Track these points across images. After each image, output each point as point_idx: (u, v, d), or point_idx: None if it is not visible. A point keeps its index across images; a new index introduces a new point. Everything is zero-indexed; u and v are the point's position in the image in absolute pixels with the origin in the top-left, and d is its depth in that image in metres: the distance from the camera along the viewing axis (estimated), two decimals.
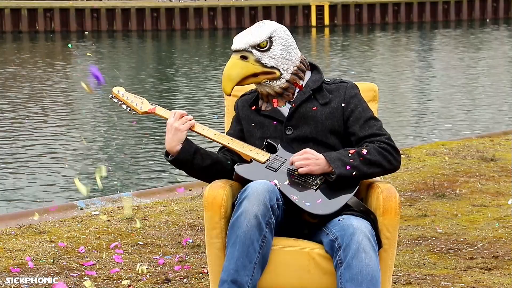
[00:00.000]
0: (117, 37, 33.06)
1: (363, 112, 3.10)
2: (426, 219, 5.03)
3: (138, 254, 4.38)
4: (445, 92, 16.70)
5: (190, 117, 3.10)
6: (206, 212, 2.96)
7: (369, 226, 2.86)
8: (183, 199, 5.71)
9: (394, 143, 3.05)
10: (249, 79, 3.10)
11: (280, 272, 2.89)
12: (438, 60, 23.78)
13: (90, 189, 8.37)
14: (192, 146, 3.08)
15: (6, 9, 34.10)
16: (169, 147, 3.07)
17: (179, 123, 3.06)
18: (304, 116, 3.09)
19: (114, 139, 12.04)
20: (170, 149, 3.07)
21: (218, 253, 2.96)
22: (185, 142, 3.07)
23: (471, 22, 37.98)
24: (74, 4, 35.12)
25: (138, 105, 3.21)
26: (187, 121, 3.08)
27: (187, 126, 3.07)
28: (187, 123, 3.08)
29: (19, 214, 5.50)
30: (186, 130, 3.06)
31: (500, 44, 28.60)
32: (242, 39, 3.09)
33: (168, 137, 3.06)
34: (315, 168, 2.95)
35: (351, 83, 3.19)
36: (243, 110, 3.23)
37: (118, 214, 5.25)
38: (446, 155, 7.03)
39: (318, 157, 2.96)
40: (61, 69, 21.87)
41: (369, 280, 2.72)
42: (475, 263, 4.18)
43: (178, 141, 3.06)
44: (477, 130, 12.04)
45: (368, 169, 2.97)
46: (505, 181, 6.02)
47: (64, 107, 15.28)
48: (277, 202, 2.85)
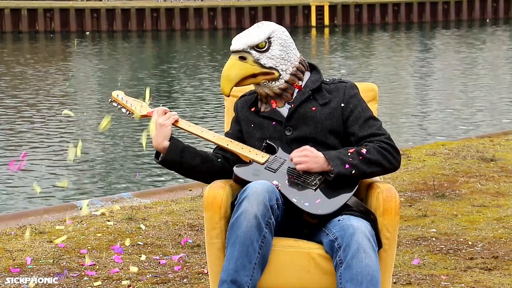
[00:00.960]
0: (117, 37, 33.06)
1: (362, 112, 3.10)
2: (426, 219, 5.03)
3: (138, 254, 4.38)
4: (445, 92, 16.70)
5: (173, 112, 3.13)
6: (206, 212, 2.96)
7: (369, 226, 2.86)
8: (183, 199, 5.71)
9: (394, 143, 3.05)
10: (248, 80, 3.10)
11: (280, 272, 2.89)
12: (438, 60, 23.77)
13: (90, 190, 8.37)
14: (179, 144, 3.09)
15: (6, 9, 34.09)
16: (155, 144, 3.09)
17: (162, 119, 3.09)
18: (304, 117, 3.09)
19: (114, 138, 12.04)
20: (157, 145, 3.09)
21: (218, 253, 2.96)
22: (172, 141, 3.08)
23: (471, 22, 37.97)
24: (74, 4, 35.11)
25: (138, 108, 3.21)
26: (170, 116, 3.10)
27: (171, 121, 3.10)
28: (171, 118, 3.10)
29: (19, 214, 5.50)
30: (170, 124, 3.08)
31: (500, 44, 28.60)
32: (240, 40, 3.09)
33: (154, 134, 3.08)
34: (313, 166, 2.95)
35: (351, 83, 3.19)
36: (242, 111, 3.23)
37: (118, 214, 5.25)
38: (446, 155, 7.03)
39: (317, 155, 2.96)
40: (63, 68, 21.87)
41: (369, 280, 2.72)
42: (475, 263, 4.18)
43: (164, 137, 3.08)
44: (477, 130, 12.04)
45: (368, 168, 2.96)
46: (505, 181, 6.02)
47: (64, 107, 15.27)
48: (276, 202, 2.85)
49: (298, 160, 2.96)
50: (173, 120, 3.11)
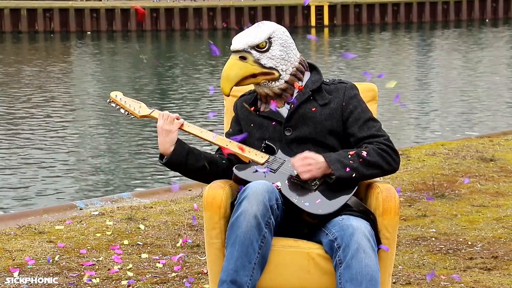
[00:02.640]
0: (117, 37, 33.05)
1: (362, 113, 3.10)
2: (426, 219, 5.04)
3: (137, 254, 4.38)
4: (445, 92, 16.70)
5: (178, 115, 3.13)
6: (205, 212, 2.96)
7: (368, 226, 2.86)
8: (182, 199, 5.71)
9: (393, 145, 3.05)
10: (248, 80, 3.10)
11: (279, 272, 2.89)
12: (437, 60, 23.78)
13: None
14: (184, 147, 3.10)
15: (6, 9, 34.10)
16: (162, 149, 3.09)
17: (168, 125, 3.08)
18: (303, 117, 3.09)
19: (114, 138, 12.04)
20: (164, 151, 3.09)
21: (217, 253, 2.96)
22: (177, 143, 3.09)
23: (470, 22, 37.99)
24: (73, 4, 35.12)
25: (136, 109, 3.21)
26: (176, 122, 3.10)
27: (176, 126, 3.10)
28: (176, 123, 3.10)
29: (19, 214, 5.50)
30: (177, 130, 3.09)
31: (500, 44, 28.61)
32: (241, 40, 3.09)
33: (160, 139, 3.09)
34: (317, 173, 2.95)
35: (350, 83, 3.18)
36: (242, 111, 3.22)
37: (118, 214, 5.25)
38: (445, 155, 7.03)
39: (319, 160, 2.95)
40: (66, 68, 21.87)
41: (368, 280, 2.72)
42: (475, 263, 4.18)
43: (171, 142, 3.08)
44: (477, 130, 12.04)
45: (367, 170, 2.96)
46: (505, 181, 6.02)
47: (65, 108, 15.28)
48: (276, 202, 2.85)
49: (302, 170, 2.95)
50: (179, 125, 3.11)
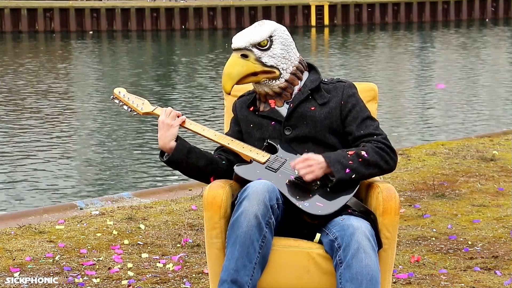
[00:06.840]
0: (117, 37, 33.05)
1: (360, 112, 3.10)
2: (426, 219, 5.03)
3: (138, 254, 4.38)
4: (445, 92, 16.70)
5: (180, 113, 3.12)
6: (205, 212, 2.96)
7: (369, 226, 2.86)
8: (182, 199, 5.71)
9: (390, 143, 3.05)
10: (249, 78, 3.10)
11: (280, 272, 2.89)
12: (437, 60, 23.78)
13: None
14: (185, 145, 3.09)
15: (6, 9, 34.09)
16: (162, 143, 3.08)
17: (170, 119, 3.08)
18: (303, 116, 3.09)
19: (114, 138, 12.04)
20: (163, 145, 3.08)
21: (218, 253, 2.96)
22: (179, 141, 3.08)
23: (470, 22, 37.99)
24: (73, 4, 35.11)
25: (139, 106, 3.21)
26: (178, 117, 3.10)
27: (178, 122, 3.09)
28: (178, 119, 3.09)
29: (19, 214, 5.50)
30: (178, 125, 3.08)
31: (500, 44, 28.60)
32: (242, 38, 3.09)
33: (161, 134, 3.08)
34: (319, 172, 2.95)
35: (349, 82, 3.19)
36: (241, 111, 3.22)
37: (118, 214, 5.24)
38: (446, 155, 7.02)
39: (319, 160, 2.95)
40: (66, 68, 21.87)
41: (368, 280, 2.72)
42: (475, 263, 4.18)
43: (171, 137, 3.07)
44: (477, 130, 12.04)
45: (367, 170, 2.97)
46: (505, 181, 6.02)
47: (65, 108, 15.28)
48: (277, 202, 2.85)
49: (305, 172, 2.94)
50: (181, 121, 3.10)
